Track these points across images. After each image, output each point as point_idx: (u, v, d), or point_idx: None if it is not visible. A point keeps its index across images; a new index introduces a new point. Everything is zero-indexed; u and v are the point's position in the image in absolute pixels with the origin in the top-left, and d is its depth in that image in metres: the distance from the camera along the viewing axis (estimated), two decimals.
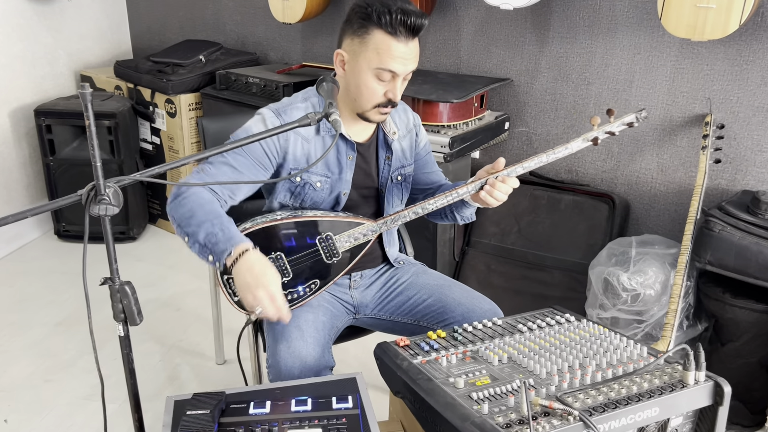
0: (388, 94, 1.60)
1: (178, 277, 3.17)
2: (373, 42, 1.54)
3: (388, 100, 1.61)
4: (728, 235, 1.99)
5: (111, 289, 1.31)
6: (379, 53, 1.54)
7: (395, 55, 1.54)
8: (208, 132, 2.14)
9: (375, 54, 1.54)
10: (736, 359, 2.10)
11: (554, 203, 2.67)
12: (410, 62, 1.58)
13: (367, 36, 1.54)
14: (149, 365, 2.49)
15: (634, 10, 2.41)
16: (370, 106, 1.62)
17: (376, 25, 1.52)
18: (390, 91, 1.60)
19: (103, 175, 1.23)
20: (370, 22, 1.53)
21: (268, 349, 1.60)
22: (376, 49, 1.54)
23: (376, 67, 1.55)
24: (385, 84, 1.59)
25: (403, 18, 1.51)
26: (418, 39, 1.58)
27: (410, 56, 1.57)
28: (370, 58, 1.55)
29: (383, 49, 1.53)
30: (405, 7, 1.52)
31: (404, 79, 1.60)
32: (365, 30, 1.54)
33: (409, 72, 1.60)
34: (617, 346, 1.40)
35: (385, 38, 1.53)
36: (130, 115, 3.41)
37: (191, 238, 1.52)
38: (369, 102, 1.62)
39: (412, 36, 1.55)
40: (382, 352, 1.45)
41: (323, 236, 1.67)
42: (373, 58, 1.55)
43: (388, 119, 1.76)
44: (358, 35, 1.56)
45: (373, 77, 1.57)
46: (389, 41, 1.53)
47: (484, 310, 1.73)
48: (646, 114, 1.78)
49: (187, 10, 3.86)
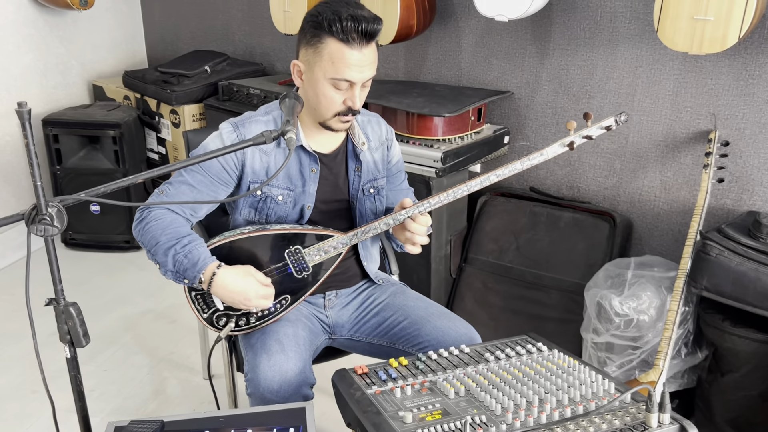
0: (347, 102, 1.56)
1: (178, 287, 3.13)
2: (326, 51, 1.50)
3: (347, 107, 1.57)
4: (725, 260, 1.88)
5: (56, 310, 1.28)
6: (334, 62, 1.49)
7: (350, 63, 1.50)
8: (193, 145, 2.13)
9: (329, 63, 1.50)
10: (737, 391, 1.98)
11: (554, 220, 2.58)
12: (366, 69, 1.53)
13: (320, 45, 1.50)
14: (137, 378, 2.47)
15: (636, 21, 2.32)
16: (330, 114, 1.58)
17: (328, 33, 1.48)
18: (348, 99, 1.55)
19: (44, 194, 1.20)
20: (321, 30, 1.49)
21: (246, 362, 1.57)
22: (330, 59, 1.49)
23: (332, 77, 1.51)
24: (343, 92, 1.55)
25: (354, 25, 1.46)
26: (374, 44, 1.53)
27: (366, 63, 1.52)
28: (325, 68, 1.51)
29: (337, 57, 1.49)
30: (356, 13, 1.47)
31: (363, 86, 1.56)
32: (318, 39, 1.50)
33: (367, 79, 1.55)
34: (583, 380, 1.32)
35: (338, 46, 1.48)
36: (135, 125, 3.43)
37: (162, 267, 1.56)
38: (328, 111, 1.57)
39: (366, 42, 1.50)
40: (338, 380, 1.40)
41: (292, 250, 1.64)
42: (328, 68, 1.50)
43: (357, 129, 1.72)
44: (312, 45, 1.52)
45: (330, 86, 1.53)
46: (342, 49, 1.48)
47: (460, 333, 1.67)
48: (626, 117, 1.69)
49: (199, 20, 3.88)
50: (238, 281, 1.52)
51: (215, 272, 1.51)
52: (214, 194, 1.63)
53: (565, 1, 2.45)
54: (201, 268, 1.51)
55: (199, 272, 1.51)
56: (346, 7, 1.49)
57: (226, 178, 1.63)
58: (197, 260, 1.51)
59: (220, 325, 1.64)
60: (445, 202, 1.64)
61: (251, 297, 1.53)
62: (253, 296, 1.53)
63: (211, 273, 1.51)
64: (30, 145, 1.18)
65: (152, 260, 1.58)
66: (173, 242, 1.53)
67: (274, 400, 1.46)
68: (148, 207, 1.59)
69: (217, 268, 1.51)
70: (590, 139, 1.67)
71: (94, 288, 3.13)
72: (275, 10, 3.06)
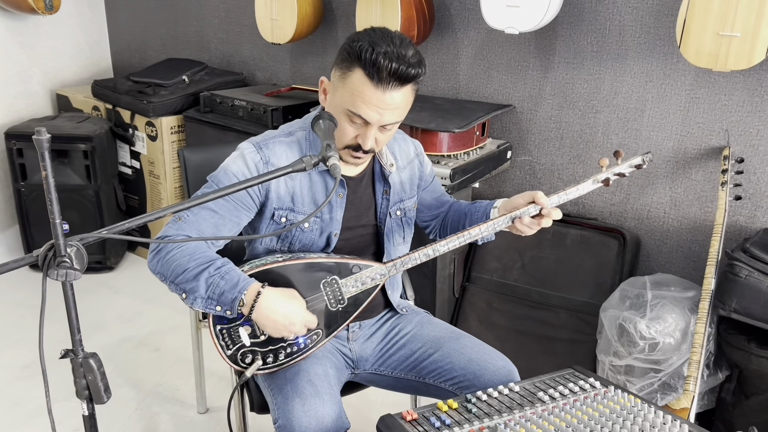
0: (358, 139, 1.43)
1: (158, 312, 2.97)
2: (351, 80, 1.37)
3: (358, 144, 1.44)
4: (756, 281, 1.84)
5: (73, 363, 1.13)
6: (353, 95, 1.36)
7: (369, 102, 1.36)
8: (190, 164, 1.96)
9: (349, 94, 1.37)
10: (762, 414, 1.95)
11: (560, 238, 2.51)
12: (388, 113, 1.38)
13: (348, 72, 1.37)
14: (125, 414, 2.28)
15: (646, 35, 2.27)
16: (340, 145, 1.46)
17: (357, 63, 1.35)
18: (360, 136, 1.42)
19: (62, 234, 1.05)
20: (353, 58, 1.36)
21: (276, 408, 1.42)
22: (351, 89, 1.37)
23: (348, 108, 1.39)
24: (357, 128, 1.42)
25: (386, 63, 1.32)
26: (409, 88, 1.39)
27: (389, 107, 1.37)
28: (344, 97, 1.39)
29: (358, 91, 1.36)
30: (395, 51, 1.33)
31: (382, 128, 1.42)
32: (348, 66, 1.37)
33: (387, 123, 1.41)
34: (653, 422, 1.24)
35: (363, 80, 1.35)
36: (108, 138, 3.21)
37: (191, 294, 1.39)
38: (339, 141, 1.45)
39: (397, 85, 1.36)
40: (386, 428, 1.27)
41: (328, 280, 1.50)
42: (347, 98, 1.38)
43: (385, 150, 1.60)
44: (341, 69, 1.40)
45: (344, 117, 1.41)
46: (366, 85, 1.35)
47: (498, 367, 1.56)
48: (651, 156, 1.68)
49: (170, 26, 3.68)
50: (285, 303, 1.38)
51: (260, 292, 1.36)
52: (237, 219, 1.49)
53: (571, 14, 2.40)
54: (243, 288, 1.36)
55: (240, 293, 1.35)
56: (387, 42, 1.34)
57: (249, 203, 1.49)
58: (237, 281, 1.36)
59: (246, 363, 1.49)
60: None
61: (296, 322, 1.39)
62: (298, 321, 1.39)
63: (255, 293, 1.36)
64: (49, 177, 1.02)
65: (176, 291, 1.42)
66: (205, 266, 1.38)
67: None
68: (165, 237, 1.43)
69: (262, 287, 1.37)
70: (623, 176, 1.66)
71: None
72: (261, 18, 2.91)
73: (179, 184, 3.25)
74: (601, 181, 1.60)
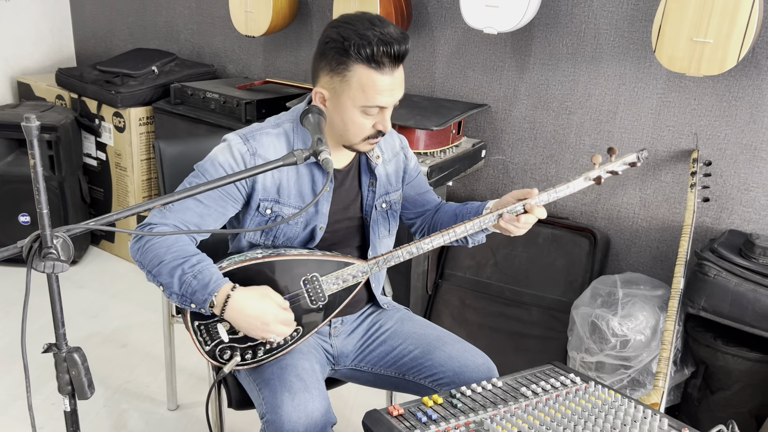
0: (378, 126, 1.45)
1: (124, 307, 2.90)
2: (356, 79, 1.37)
3: (377, 131, 1.46)
4: (724, 280, 1.90)
5: (56, 357, 1.09)
6: (365, 90, 1.38)
7: (381, 90, 1.39)
8: (166, 156, 1.92)
9: (360, 92, 1.38)
10: (726, 408, 2.02)
11: (532, 236, 2.55)
12: (397, 91, 1.43)
13: (348, 73, 1.37)
14: (92, 411, 2.23)
15: (620, 39, 2.32)
16: (358, 139, 1.47)
17: (356, 60, 1.36)
18: (379, 122, 1.45)
19: (50, 224, 1.02)
20: (348, 57, 1.36)
21: (264, 403, 1.40)
22: (360, 87, 1.37)
23: (362, 105, 1.40)
24: (374, 117, 1.44)
25: (386, 49, 1.34)
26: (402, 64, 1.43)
27: (397, 85, 1.42)
28: (354, 96, 1.39)
29: (368, 85, 1.37)
30: (385, 33, 1.35)
31: (392, 106, 1.46)
32: (345, 66, 1.37)
33: (398, 100, 1.45)
34: (634, 417, 1.27)
35: (368, 73, 1.36)
36: (73, 128, 3.13)
37: (167, 288, 1.38)
38: (357, 136, 1.46)
39: (397, 64, 1.40)
40: (373, 423, 1.27)
41: (308, 277, 1.49)
42: (358, 96, 1.38)
43: None
44: (338, 72, 1.39)
45: (359, 114, 1.42)
46: (373, 76, 1.37)
47: (478, 364, 1.58)
48: (647, 154, 1.68)
49: (138, 16, 3.60)
50: (255, 304, 1.36)
51: (230, 294, 1.34)
52: (222, 210, 1.47)
53: (547, 16, 2.43)
54: (213, 290, 1.34)
55: (211, 295, 1.34)
56: (372, 28, 1.36)
57: (236, 195, 1.47)
58: (208, 281, 1.34)
59: (224, 359, 1.47)
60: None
61: (269, 321, 1.36)
62: (271, 320, 1.37)
63: (225, 295, 1.34)
64: (38, 166, 0.99)
65: (154, 282, 1.40)
66: (180, 261, 1.36)
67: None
68: (148, 225, 1.40)
69: (232, 290, 1.35)
70: (616, 174, 1.65)
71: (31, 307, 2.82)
72: (235, 10, 2.87)
73: (147, 177, 3.18)
74: (593, 179, 1.59)
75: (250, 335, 1.39)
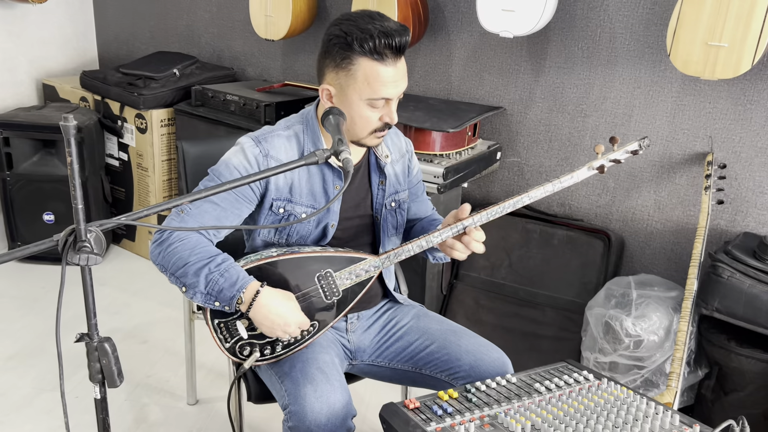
0: (384, 118, 1.50)
1: (145, 304, 2.96)
2: (360, 72, 1.43)
3: (384, 123, 1.51)
4: (738, 282, 1.92)
5: (88, 347, 1.14)
6: (369, 83, 1.43)
7: (386, 81, 1.44)
8: (189, 156, 1.98)
9: (365, 84, 1.43)
10: (740, 410, 2.03)
11: (547, 238, 2.57)
12: (401, 82, 1.48)
13: (353, 67, 1.43)
14: (114, 405, 2.28)
15: (636, 43, 2.35)
16: (366, 133, 1.52)
17: (360, 53, 1.41)
18: (386, 115, 1.50)
19: (84, 219, 1.07)
20: (352, 51, 1.42)
21: (286, 394, 1.45)
22: (365, 80, 1.43)
23: (368, 98, 1.45)
24: (380, 110, 1.49)
25: (387, 41, 1.40)
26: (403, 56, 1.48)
27: (400, 77, 1.47)
28: (360, 90, 1.44)
29: (372, 77, 1.42)
30: (385, 26, 1.40)
31: (397, 98, 1.50)
32: (349, 61, 1.43)
33: (402, 91, 1.50)
34: (646, 412, 1.30)
35: (372, 66, 1.42)
36: (96, 129, 3.20)
37: (191, 289, 1.43)
38: (365, 130, 1.51)
39: (399, 56, 1.45)
40: (390, 416, 1.31)
41: (322, 273, 1.54)
42: (364, 89, 1.44)
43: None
44: (342, 67, 1.44)
45: (366, 107, 1.47)
46: (377, 68, 1.42)
47: (493, 359, 1.61)
48: (648, 142, 1.70)
49: (159, 19, 3.67)
50: (282, 304, 1.43)
51: (259, 291, 1.41)
52: (238, 212, 1.52)
53: (563, 20, 2.46)
54: (241, 287, 1.41)
55: (239, 291, 1.40)
56: (372, 22, 1.42)
57: (250, 196, 1.53)
58: (236, 279, 1.41)
59: (244, 355, 1.52)
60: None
61: (291, 323, 1.44)
62: (293, 323, 1.44)
63: (254, 292, 1.41)
64: (74, 164, 1.04)
65: (177, 284, 1.45)
66: (205, 261, 1.42)
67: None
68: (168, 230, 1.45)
69: (261, 287, 1.41)
70: (618, 163, 1.67)
71: (50, 305, 2.88)
72: (255, 14, 2.93)
73: (167, 177, 3.25)
74: (596, 168, 1.61)
75: (267, 333, 1.45)
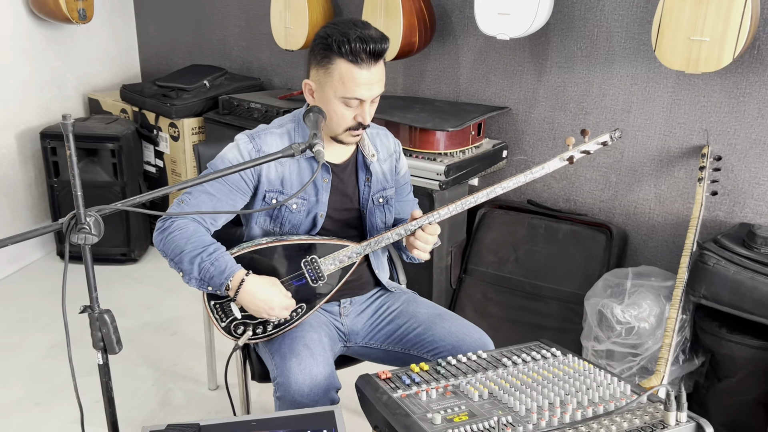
0: (357, 118, 1.63)
1: (176, 300, 3.17)
2: (337, 71, 1.56)
3: (358, 123, 1.64)
4: (723, 269, 1.96)
5: (90, 317, 1.31)
6: (344, 82, 1.56)
7: (359, 83, 1.57)
8: (204, 158, 2.16)
9: (340, 83, 1.57)
10: (733, 396, 2.06)
11: (552, 232, 2.65)
12: (375, 86, 1.60)
13: (331, 66, 1.57)
14: (142, 390, 2.48)
15: (631, 41, 2.41)
16: (341, 130, 1.65)
17: (337, 54, 1.55)
18: (359, 115, 1.63)
19: (83, 204, 1.24)
20: (331, 52, 1.55)
21: (275, 367, 1.61)
22: (340, 79, 1.56)
23: (342, 96, 1.58)
24: (354, 109, 1.62)
25: (363, 45, 1.53)
26: (382, 62, 1.60)
27: (374, 81, 1.59)
28: (335, 87, 1.58)
29: (347, 77, 1.56)
30: (364, 33, 1.54)
31: (372, 102, 1.63)
32: (328, 60, 1.57)
33: (375, 96, 1.62)
34: (600, 383, 1.38)
35: (347, 67, 1.55)
36: (134, 138, 3.45)
37: (186, 274, 1.61)
38: (339, 126, 1.64)
39: (374, 61, 1.57)
40: (363, 384, 1.44)
41: (308, 259, 1.69)
42: (339, 88, 1.57)
43: (367, 142, 1.79)
44: (322, 65, 1.58)
45: (341, 104, 1.60)
46: (352, 70, 1.55)
47: (474, 339, 1.72)
48: (620, 134, 1.79)
49: (195, 35, 3.92)
50: (264, 289, 1.58)
51: (244, 279, 1.57)
52: (233, 203, 1.68)
53: (562, 21, 2.55)
54: (229, 275, 1.56)
55: (227, 279, 1.56)
56: (354, 28, 1.55)
57: (243, 188, 1.68)
58: (224, 267, 1.57)
59: (237, 333, 1.68)
60: (453, 213, 1.72)
61: (275, 306, 1.59)
62: (276, 305, 1.59)
63: (240, 280, 1.56)
64: (72, 156, 1.21)
65: (175, 268, 1.63)
66: (199, 251, 1.58)
67: (303, 404, 1.50)
68: (170, 217, 1.63)
69: (245, 275, 1.57)
70: (588, 154, 1.77)
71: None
72: (276, 26, 3.12)
73: None
74: (566, 159, 1.72)
75: (255, 315, 1.62)
